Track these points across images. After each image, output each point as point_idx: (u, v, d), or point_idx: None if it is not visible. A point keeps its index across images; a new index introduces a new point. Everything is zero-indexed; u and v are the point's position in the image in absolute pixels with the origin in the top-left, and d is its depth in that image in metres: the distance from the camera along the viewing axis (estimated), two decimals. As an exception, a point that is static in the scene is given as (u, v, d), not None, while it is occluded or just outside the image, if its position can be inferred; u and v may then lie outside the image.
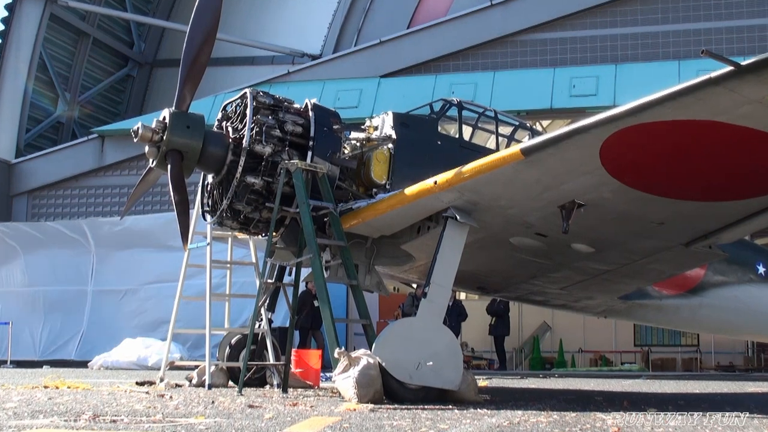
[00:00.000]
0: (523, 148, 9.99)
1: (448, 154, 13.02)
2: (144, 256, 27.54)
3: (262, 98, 12.36)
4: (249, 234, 13.49)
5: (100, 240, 28.38)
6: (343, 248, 11.91)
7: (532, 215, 11.19)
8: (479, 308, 29.18)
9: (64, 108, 37.63)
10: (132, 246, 27.85)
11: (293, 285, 12.51)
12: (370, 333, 11.54)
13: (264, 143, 12.05)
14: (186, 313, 23.18)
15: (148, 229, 27.57)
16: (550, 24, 30.12)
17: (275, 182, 12.08)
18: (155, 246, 27.01)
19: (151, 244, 27.25)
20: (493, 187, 10.65)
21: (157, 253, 26.85)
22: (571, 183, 10.22)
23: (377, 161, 12.90)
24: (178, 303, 14.62)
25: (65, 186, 32.93)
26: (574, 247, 12.09)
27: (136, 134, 11.99)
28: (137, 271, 27.67)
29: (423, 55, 30.87)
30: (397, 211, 11.68)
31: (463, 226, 11.18)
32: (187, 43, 11.96)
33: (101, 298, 27.98)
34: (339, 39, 35.75)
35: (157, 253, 26.92)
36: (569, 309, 16.13)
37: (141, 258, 27.62)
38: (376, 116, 13.68)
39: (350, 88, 30.14)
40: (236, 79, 33.29)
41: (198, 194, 13.29)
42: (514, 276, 13.93)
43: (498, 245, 12.23)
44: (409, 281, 17.13)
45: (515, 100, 27.85)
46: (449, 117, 13.97)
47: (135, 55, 40.67)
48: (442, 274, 11.12)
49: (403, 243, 12.40)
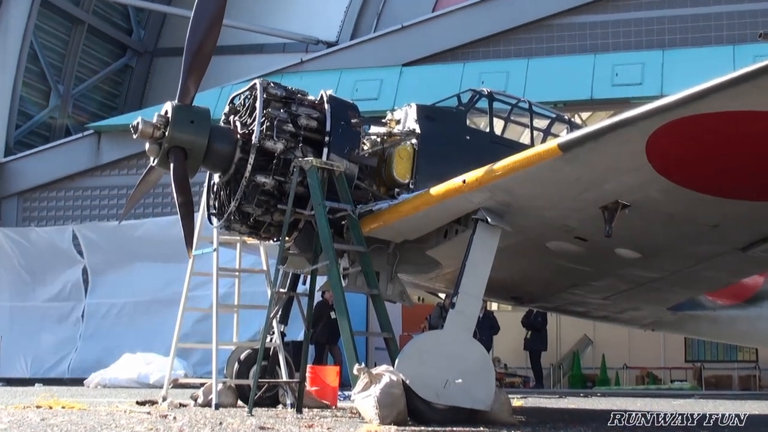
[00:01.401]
0: (560, 143, 9.95)
1: (477, 149, 13.00)
2: (144, 264, 27.66)
3: (273, 90, 12.37)
4: (259, 239, 13.50)
5: (95, 247, 28.50)
6: (363, 254, 11.90)
7: (571, 217, 11.15)
8: (513, 320, 29.11)
9: (56, 102, 37.81)
10: (131, 253, 27.96)
11: (308, 295, 12.51)
12: (393, 347, 11.52)
13: (275, 139, 12.07)
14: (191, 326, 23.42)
15: (148, 234, 27.68)
16: (591, 6, 30.03)
17: (288, 182, 12.09)
18: (157, 253, 27.11)
19: (153, 251, 27.35)
20: (527, 187, 10.62)
21: (159, 261, 26.95)
22: (614, 181, 10.18)
23: (400, 158, 12.89)
24: (182, 315, 14.64)
25: (58, 187, 33.07)
26: (618, 253, 12.04)
27: (135, 130, 12.03)
28: (137, 281, 27.79)
29: (449, 42, 30.83)
30: (422, 213, 11.66)
31: (494, 230, 11.15)
32: (190, 30, 11.99)
33: (97, 311, 28.10)
34: (357, 24, 35.76)
35: (158, 261, 27.02)
36: (613, 321, 16.06)
37: (141, 266, 27.75)
38: (398, 109, 13.67)
39: (369, 77, 30.14)
40: (244, 69, 33.32)
41: (203, 195, 13.31)
42: (551, 284, 13.88)
43: (534, 250, 12.20)
44: (435, 290, 17.10)
45: (552, 90, 27.78)
46: (479, 109, 13.94)
47: (134, 44, 40.83)
48: (472, 282, 11.10)
49: (428, 248, 12.39)
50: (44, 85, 37.52)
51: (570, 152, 9.83)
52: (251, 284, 17.28)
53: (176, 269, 23.11)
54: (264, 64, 33.74)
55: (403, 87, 29.48)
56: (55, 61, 37.91)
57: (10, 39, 35.16)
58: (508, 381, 29.33)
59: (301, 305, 13.03)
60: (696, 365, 31.54)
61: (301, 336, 18.26)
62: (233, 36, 36.06)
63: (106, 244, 28.59)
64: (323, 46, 35.50)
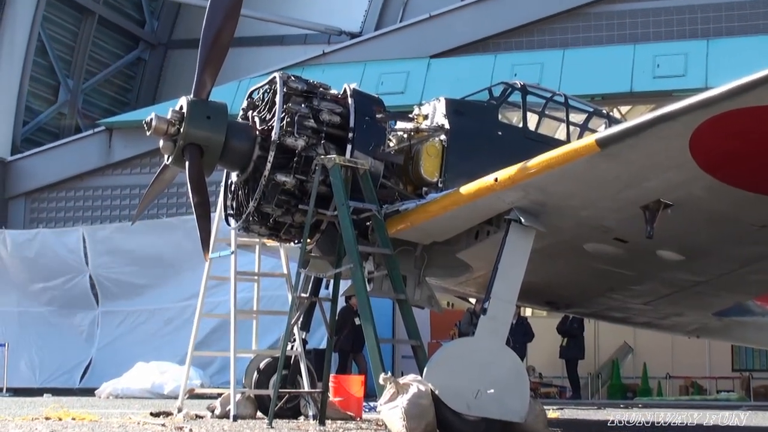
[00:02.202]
0: (598, 138, 9.93)
1: (510, 146, 12.99)
2: (158, 269, 27.74)
3: (293, 83, 12.40)
4: (279, 241, 13.53)
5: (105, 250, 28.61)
6: (389, 257, 11.91)
7: (610, 217, 11.13)
8: (548, 327, 29.06)
9: (65, 97, 38.00)
10: (144, 256, 28.07)
11: (331, 300, 12.53)
12: (421, 356, 11.53)
13: (296, 135, 12.09)
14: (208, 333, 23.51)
15: (162, 237, 27.76)
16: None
17: (309, 181, 12.11)
18: (172, 256, 27.20)
19: (167, 254, 27.43)
20: (563, 185, 10.61)
21: (174, 265, 27.03)
22: (655, 179, 10.16)
23: (428, 155, 12.90)
24: (198, 321, 14.69)
25: (67, 187, 33.25)
26: (660, 255, 12.01)
27: (148, 126, 12.08)
28: (150, 286, 27.89)
29: (480, 32, 30.81)
30: (452, 213, 11.66)
31: (528, 231, 11.15)
32: (206, 21, 12.04)
33: (111, 319, 28.23)
34: (382, 14, 35.81)
35: (173, 265, 27.11)
36: (655, 327, 16.01)
37: (155, 270, 27.83)
38: (426, 103, 13.68)
39: (395, 70, 30.15)
40: (263, 62, 33.41)
41: (220, 195, 13.36)
42: (588, 289, 13.86)
43: (570, 253, 12.18)
44: (466, 295, 17.09)
45: (589, 83, 27.71)
46: (511, 103, 13.93)
47: (147, 36, 41.00)
48: (505, 286, 11.09)
49: (458, 251, 12.39)
50: (53, 79, 37.72)
51: (608, 148, 9.82)
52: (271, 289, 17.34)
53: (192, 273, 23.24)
54: (284, 57, 33.83)
55: (430, 80, 29.48)
56: (64, 54, 38.10)
57: (16, 31, 35.36)
58: (543, 391, 29.27)
59: (323, 311, 13.05)
60: (744, 375, 31.38)
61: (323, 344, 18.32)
62: (252, 27, 36.16)
63: (117, 247, 28.70)
64: (346, 37, 35.55)
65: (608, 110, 16.83)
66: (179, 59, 40.63)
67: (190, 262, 24.54)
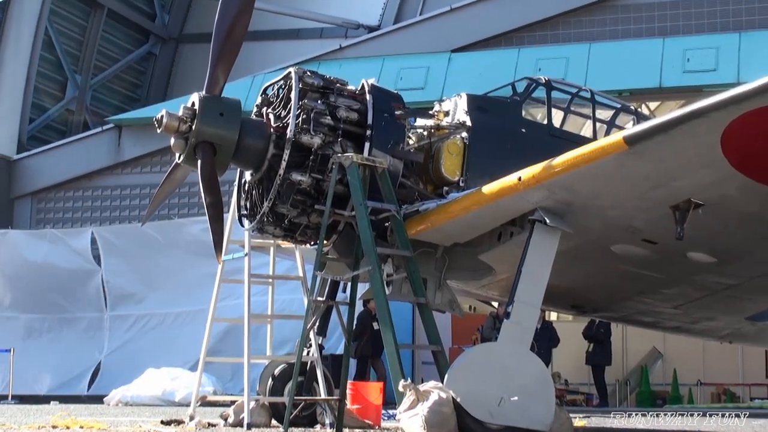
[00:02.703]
0: (626, 136, 9.92)
1: (534, 143, 12.99)
2: (170, 271, 27.79)
3: (309, 79, 12.41)
4: (295, 242, 13.55)
5: (115, 251, 28.69)
6: (409, 259, 11.91)
7: (639, 218, 11.11)
8: (574, 331, 29.00)
9: (74, 93, 38.08)
10: (155, 258, 28.13)
11: (348, 304, 12.54)
12: (442, 361, 11.53)
13: (312, 133, 12.11)
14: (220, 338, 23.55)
15: (174, 238, 27.81)
16: (659, -17, 29.90)
17: (326, 180, 12.13)
18: (183, 258, 27.24)
19: (179, 256, 27.48)
20: (590, 184, 10.60)
21: (186, 267, 27.07)
22: (685, 178, 10.14)
23: (449, 154, 12.91)
24: (210, 326, 14.73)
25: (75, 186, 33.32)
26: (691, 257, 11.99)
27: (159, 123, 12.11)
28: (161, 289, 27.93)
29: (503, 25, 30.78)
30: (474, 213, 11.66)
31: (553, 232, 11.14)
32: (219, 14, 12.06)
33: (120, 324, 28.28)
34: (401, 6, 35.76)
35: (185, 267, 27.14)
36: (685, 332, 15.98)
37: (166, 273, 27.88)
38: (447, 99, 13.68)
39: (415, 65, 30.15)
40: (278, 57, 33.43)
41: (234, 195, 13.38)
42: (616, 292, 13.84)
43: (597, 254, 12.17)
44: (488, 299, 17.09)
45: (616, 78, 27.67)
46: (536, 99, 13.94)
47: (158, 29, 41.06)
48: (529, 290, 11.09)
49: (480, 252, 12.38)
50: (60, 75, 37.79)
51: (637, 146, 9.80)
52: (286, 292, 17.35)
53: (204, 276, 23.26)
54: (300, 51, 33.85)
55: (452, 75, 29.46)
56: (72, 48, 38.18)
57: (23, 25, 35.43)
58: (569, 398, 29.23)
59: (340, 315, 13.06)
60: (779, 381, 31.29)
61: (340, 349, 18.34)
62: (266, 20, 36.19)
63: (127, 249, 28.76)
64: (364, 30, 35.54)
65: (636, 106, 16.83)
66: (191, 54, 40.67)
67: (203, 265, 24.55)
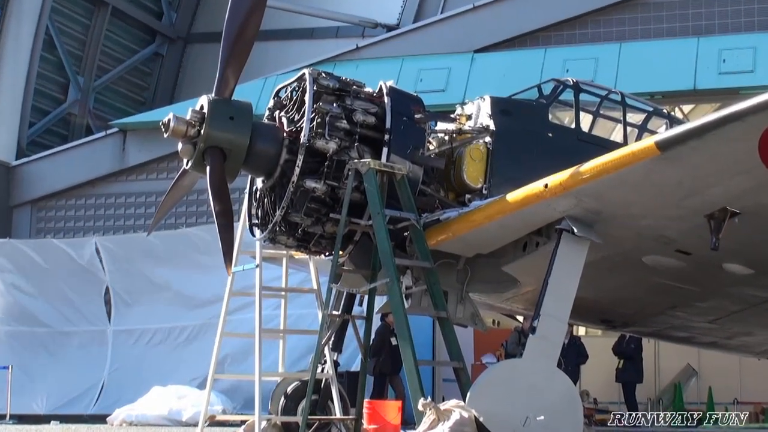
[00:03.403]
0: (658, 141, 9.93)
1: (562, 149, 13.01)
2: (177, 283, 27.81)
3: (324, 80, 12.45)
4: (309, 253, 13.58)
5: (120, 262, 28.72)
6: (429, 271, 11.92)
7: (672, 227, 11.11)
8: (604, 347, 28.93)
9: (76, 96, 38.16)
10: (161, 269, 28.14)
11: (365, 318, 12.56)
12: (464, 379, 11.54)
13: (327, 138, 12.14)
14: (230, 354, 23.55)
15: (181, 249, 27.84)
16: (694, -20, 29.87)
17: (342, 187, 12.15)
18: (191, 269, 27.26)
19: (186, 267, 27.50)
20: (620, 192, 10.61)
21: (194, 279, 27.09)
22: (721, 186, 10.14)
23: (471, 159, 12.92)
24: (220, 341, 14.73)
25: (78, 194, 33.35)
26: (727, 268, 11.98)
27: (166, 128, 12.15)
28: (169, 302, 27.94)
29: (528, 24, 30.75)
30: (497, 222, 11.68)
31: (582, 242, 11.14)
32: (229, 13, 12.10)
33: (125, 339, 28.30)
34: (421, 4, 35.77)
35: (193, 279, 27.16)
36: (721, 348, 15.96)
37: (173, 285, 27.90)
38: (470, 102, 13.72)
39: (436, 66, 30.15)
40: (292, 57, 33.48)
41: (245, 203, 13.41)
42: (648, 306, 13.83)
43: (627, 266, 12.17)
44: (513, 312, 17.08)
45: (648, 80, 27.62)
46: (563, 102, 13.95)
47: (164, 29, 41.14)
48: (556, 303, 11.09)
49: (504, 264, 12.39)
50: (62, 76, 37.87)
51: (670, 151, 9.81)
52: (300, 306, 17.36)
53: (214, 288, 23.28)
54: (314, 51, 33.85)
55: (474, 77, 29.45)
56: (74, 49, 38.26)
57: (23, 24, 35.50)
58: (599, 418, 29.13)
59: (357, 330, 13.08)
60: (820, 400, 31.16)
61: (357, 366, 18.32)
62: (279, 19, 36.23)
63: (132, 259, 28.77)
64: (382, 29, 35.55)
65: (669, 110, 16.83)
66: (200, 54, 40.73)
67: (211, 277, 24.56)
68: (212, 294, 23.80)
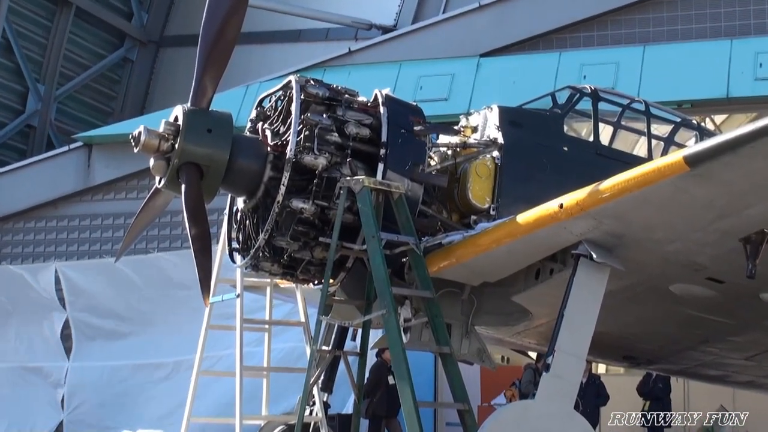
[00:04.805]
0: (687, 155, 9.93)
1: (578, 164, 13.02)
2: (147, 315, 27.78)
3: (313, 88, 12.45)
4: (296, 281, 13.57)
5: (82, 291, 28.68)
6: (430, 301, 11.92)
7: (702, 252, 11.10)
8: (627, 387, 28.95)
9: (36, 106, 38.18)
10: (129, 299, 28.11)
11: (359, 354, 12.54)
12: (469, 422, 11.53)
13: (316, 152, 12.14)
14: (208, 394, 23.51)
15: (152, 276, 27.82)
16: (726, -24, 29.94)
17: (333, 207, 12.15)
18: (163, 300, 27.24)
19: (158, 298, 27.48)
20: (644, 213, 10.61)
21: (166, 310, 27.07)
22: (758, 206, 10.14)
23: (477, 176, 12.92)
24: (196, 380, 14.72)
25: (37, 215, 33.31)
26: (765, 298, 11.97)
27: (136, 142, 12.14)
28: (138, 336, 27.91)
29: (541, 24, 30.79)
30: (507, 247, 11.67)
31: (601, 269, 11.14)
32: (207, 13, 12.12)
33: (85, 377, 28.21)
34: (421, 3, 35.88)
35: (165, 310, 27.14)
36: (759, 388, 15.94)
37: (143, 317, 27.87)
38: (476, 112, 13.72)
39: (438, 72, 30.19)
40: (276, 63, 33.54)
41: (224, 226, 13.41)
42: (676, 340, 13.83)
43: (653, 296, 12.16)
44: (524, 348, 17.08)
45: (675, 87, 27.66)
46: (580, 112, 13.95)
47: (134, 31, 41.20)
48: (573, 337, 11.08)
49: (515, 293, 12.39)
50: (20, 84, 37.91)
51: (700, 167, 9.80)
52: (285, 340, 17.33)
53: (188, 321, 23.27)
54: (302, 56, 33.93)
55: (480, 84, 29.48)
56: (34, 53, 38.30)
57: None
58: (621, 466, 29.17)
59: (349, 368, 13.06)
60: None
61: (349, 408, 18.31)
62: (262, 20, 36.32)
63: (96, 288, 28.72)
64: (378, 31, 35.65)
65: (699, 120, 16.81)
66: (173, 60, 40.81)
67: (186, 307, 24.54)
68: (187, 327, 23.74)
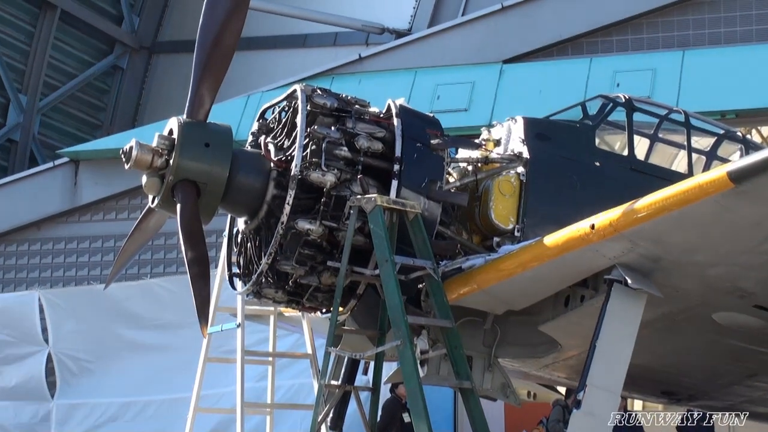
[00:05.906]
0: (731, 170, 9.91)
1: (612, 181, 13.00)
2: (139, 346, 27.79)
3: (320, 98, 12.45)
4: (302, 310, 13.57)
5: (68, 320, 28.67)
6: (449, 331, 11.90)
7: (749, 277, 11.08)
8: (666, 425, 28.88)
9: (17, 119, 38.25)
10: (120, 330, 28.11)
11: (371, 389, 12.53)
12: (493, 464, 11.50)
13: (324, 169, 12.14)
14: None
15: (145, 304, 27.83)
16: (772, -25, 29.94)
17: (342, 229, 12.15)
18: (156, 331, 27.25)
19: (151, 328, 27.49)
20: (684, 234, 10.59)
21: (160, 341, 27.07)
22: (810, 226, 10.13)
23: (500, 194, 12.91)
24: (193, 419, 14.72)
25: (19, 238, 33.36)
26: (818, 329, 11.97)
27: (128, 157, 12.15)
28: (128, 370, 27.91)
29: (569, 28, 30.78)
30: (533, 272, 11.66)
31: (637, 296, 11.12)
32: (204, 16, 12.13)
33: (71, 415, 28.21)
34: (438, 6, 35.91)
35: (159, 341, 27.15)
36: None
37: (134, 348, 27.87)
38: (498, 124, 13.71)
39: (457, 80, 30.19)
40: (280, 70, 33.59)
41: (223, 249, 13.41)
42: (720, 374, 13.80)
43: (694, 325, 12.14)
44: (552, 383, 17.05)
45: (718, 96, 27.64)
46: (613, 123, 13.94)
47: (125, 36, 41.27)
48: (606, 371, 11.07)
49: (542, 322, 12.38)
50: (0, 95, 37.98)
51: (745, 184, 9.79)
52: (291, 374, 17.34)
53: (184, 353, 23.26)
54: (307, 63, 33.98)
55: (504, 93, 29.48)
56: (15, 61, 38.40)
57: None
58: None
59: (360, 404, 13.05)
60: None
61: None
62: (265, 24, 36.39)
63: (83, 317, 28.71)
64: (391, 36, 35.67)
65: (744, 132, 16.82)
66: (167, 67, 40.89)
67: (182, 339, 24.55)
68: (183, 360, 23.75)
